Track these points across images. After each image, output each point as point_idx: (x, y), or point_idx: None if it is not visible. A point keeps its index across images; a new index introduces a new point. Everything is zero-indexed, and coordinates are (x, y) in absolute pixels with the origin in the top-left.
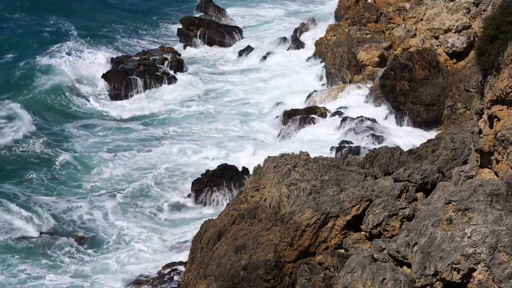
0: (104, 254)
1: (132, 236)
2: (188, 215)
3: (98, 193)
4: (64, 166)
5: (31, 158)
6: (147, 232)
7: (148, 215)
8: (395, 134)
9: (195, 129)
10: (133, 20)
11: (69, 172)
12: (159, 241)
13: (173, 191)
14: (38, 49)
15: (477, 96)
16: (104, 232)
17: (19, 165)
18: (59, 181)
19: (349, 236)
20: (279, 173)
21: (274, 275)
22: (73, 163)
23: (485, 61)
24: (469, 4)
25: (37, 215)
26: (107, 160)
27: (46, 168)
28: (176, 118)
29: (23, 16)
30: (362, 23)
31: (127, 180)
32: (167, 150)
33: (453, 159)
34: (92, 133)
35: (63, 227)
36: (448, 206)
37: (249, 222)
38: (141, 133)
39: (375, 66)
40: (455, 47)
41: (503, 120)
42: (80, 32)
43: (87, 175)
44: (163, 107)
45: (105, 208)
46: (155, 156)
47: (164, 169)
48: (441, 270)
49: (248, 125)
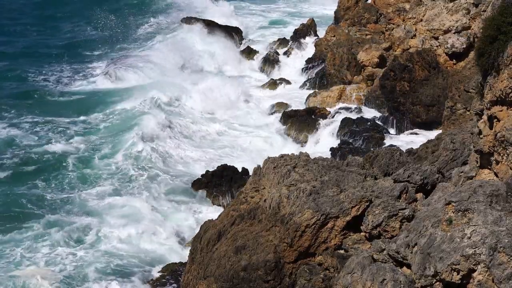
0: (104, 254)
1: (132, 236)
2: (188, 215)
3: (96, 191)
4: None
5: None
6: (147, 232)
7: (148, 215)
8: (395, 135)
9: (194, 128)
10: (133, 20)
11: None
12: (158, 241)
13: (173, 191)
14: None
15: (477, 96)
16: (104, 232)
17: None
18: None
19: (349, 237)
20: (279, 173)
21: (274, 275)
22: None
23: (485, 62)
24: (469, 5)
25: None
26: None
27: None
28: (177, 119)
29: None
30: (362, 23)
31: (126, 179)
32: (167, 150)
33: (453, 159)
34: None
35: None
36: (448, 207)
37: (249, 223)
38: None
39: (374, 67)
40: (455, 48)
41: (503, 121)
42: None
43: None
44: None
45: (103, 206)
46: (155, 156)
47: (164, 169)
48: (441, 271)
49: (249, 125)
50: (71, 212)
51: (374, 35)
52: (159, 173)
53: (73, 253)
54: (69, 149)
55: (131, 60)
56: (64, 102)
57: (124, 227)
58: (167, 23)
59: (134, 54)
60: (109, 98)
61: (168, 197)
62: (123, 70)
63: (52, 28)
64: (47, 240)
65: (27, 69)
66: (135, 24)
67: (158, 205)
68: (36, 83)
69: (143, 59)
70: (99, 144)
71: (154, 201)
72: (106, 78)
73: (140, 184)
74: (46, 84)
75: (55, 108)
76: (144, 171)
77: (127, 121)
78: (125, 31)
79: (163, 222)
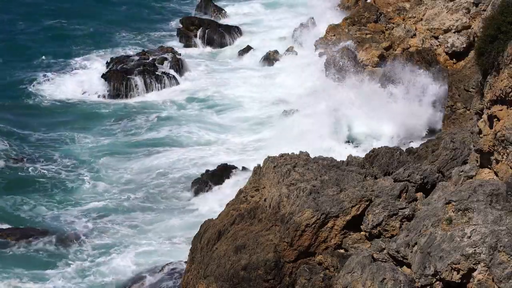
0: (104, 254)
1: (131, 236)
2: (188, 215)
3: (95, 193)
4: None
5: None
6: (147, 232)
7: (148, 215)
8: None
9: (195, 130)
10: (133, 19)
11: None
12: (158, 241)
13: (173, 191)
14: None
15: (477, 96)
16: (103, 233)
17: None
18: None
19: (349, 236)
20: (279, 173)
21: (274, 275)
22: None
23: (485, 61)
24: (469, 4)
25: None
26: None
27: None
28: (176, 119)
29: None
30: (362, 23)
31: (127, 179)
32: (168, 150)
33: (453, 159)
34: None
35: (59, 226)
36: (448, 206)
37: (249, 222)
38: (141, 134)
39: (375, 66)
40: (454, 47)
41: (503, 120)
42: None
43: (86, 175)
44: (163, 107)
45: (104, 208)
46: (155, 157)
47: (164, 170)
48: (440, 270)
49: (249, 125)
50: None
51: (374, 34)
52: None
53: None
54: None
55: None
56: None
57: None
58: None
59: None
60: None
61: (166, 196)
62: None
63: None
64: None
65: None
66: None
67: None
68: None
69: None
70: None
71: (154, 200)
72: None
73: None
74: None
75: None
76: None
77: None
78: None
79: (162, 222)
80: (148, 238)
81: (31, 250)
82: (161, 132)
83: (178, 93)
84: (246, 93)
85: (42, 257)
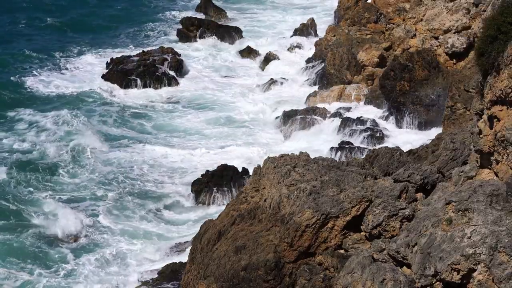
0: (103, 254)
1: (131, 236)
2: (188, 216)
3: (95, 193)
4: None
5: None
6: (147, 232)
7: (148, 215)
8: (395, 135)
9: (195, 130)
10: (133, 19)
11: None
12: (159, 241)
13: (173, 192)
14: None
15: (477, 96)
16: (104, 233)
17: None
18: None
19: (349, 237)
20: (279, 173)
21: (274, 275)
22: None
23: (485, 62)
24: (469, 5)
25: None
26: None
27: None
28: (176, 119)
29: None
30: (362, 23)
31: (126, 180)
32: (169, 151)
33: (453, 159)
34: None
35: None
36: (448, 207)
37: (249, 223)
38: (141, 135)
39: (374, 67)
40: (455, 48)
41: (503, 121)
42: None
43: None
44: (162, 107)
45: (103, 208)
46: (156, 157)
47: (165, 170)
48: (441, 271)
49: (249, 125)
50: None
51: (374, 34)
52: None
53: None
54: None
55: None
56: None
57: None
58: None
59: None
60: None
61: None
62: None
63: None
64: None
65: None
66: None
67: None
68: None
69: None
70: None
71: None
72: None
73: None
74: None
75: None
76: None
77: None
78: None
79: (162, 222)
80: (145, 238)
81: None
82: (160, 132)
83: (178, 93)
84: (246, 93)
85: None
